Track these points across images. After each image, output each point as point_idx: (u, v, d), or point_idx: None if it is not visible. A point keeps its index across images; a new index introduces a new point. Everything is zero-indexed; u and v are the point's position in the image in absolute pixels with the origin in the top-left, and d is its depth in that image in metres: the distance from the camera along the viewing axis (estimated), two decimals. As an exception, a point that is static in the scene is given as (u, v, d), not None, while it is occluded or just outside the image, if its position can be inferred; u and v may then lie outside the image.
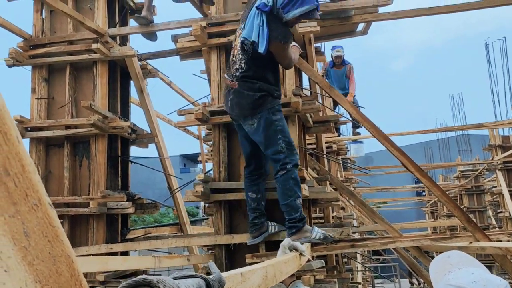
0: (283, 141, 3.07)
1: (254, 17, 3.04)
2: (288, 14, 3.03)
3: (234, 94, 3.18)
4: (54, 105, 4.23)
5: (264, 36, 2.97)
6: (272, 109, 3.11)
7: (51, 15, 4.35)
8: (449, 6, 3.94)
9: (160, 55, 4.73)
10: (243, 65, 3.13)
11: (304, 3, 3.00)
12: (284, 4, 3.02)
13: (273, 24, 3.02)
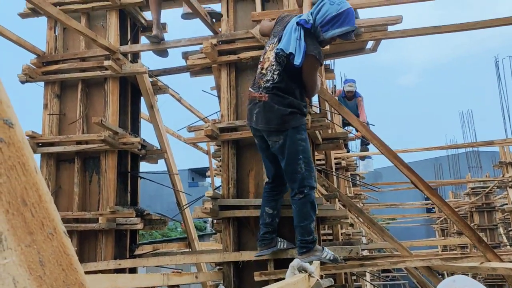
0: (303, 162, 3.04)
1: (291, 31, 3.04)
2: (327, 33, 3.07)
3: (262, 107, 3.11)
4: (65, 121, 4.28)
5: (301, 49, 2.96)
6: (298, 127, 3.09)
7: (64, 32, 4.42)
8: (457, 25, 3.95)
9: (171, 72, 4.78)
10: (276, 76, 3.10)
11: (343, 24, 3.05)
12: (323, 23, 3.05)
13: (309, 40, 3.04)
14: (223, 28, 4.16)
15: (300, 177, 3.04)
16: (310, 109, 3.80)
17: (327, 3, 3.07)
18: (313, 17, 3.09)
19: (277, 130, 3.07)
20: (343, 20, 3.04)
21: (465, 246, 13.71)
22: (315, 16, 3.08)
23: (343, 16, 3.04)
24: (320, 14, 3.06)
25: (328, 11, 3.04)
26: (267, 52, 3.27)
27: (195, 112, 6.05)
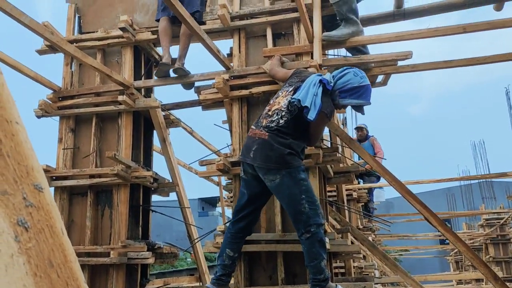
0: (307, 202, 3.02)
1: (310, 86, 3.12)
2: (344, 100, 3.21)
3: (261, 144, 3.12)
4: (79, 155, 4.33)
5: (316, 106, 3.04)
6: (298, 168, 3.09)
7: (80, 68, 4.53)
8: (468, 59, 3.98)
9: (183, 106, 4.85)
10: (282, 121, 3.15)
11: (361, 97, 3.20)
12: (343, 90, 3.19)
13: (325, 98, 3.13)
14: (235, 64, 4.23)
15: (305, 217, 3.01)
16: (321, 144, 3.82)
17: (352, 73, 3.23)
18: (335, 80, 3.23)
19: (276, 168, 3.07)
20: (361, 93, 3.20)
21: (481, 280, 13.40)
22: (337, 80, 3.22)
23: (362, 90, 3.20)
24: (342, 80, 3.21)
25: (351, 80, 3.19)
26: (278, 97, 3.33)
27: (207, 144, 6.10)
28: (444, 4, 4.19)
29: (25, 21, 2.92)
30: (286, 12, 4.18)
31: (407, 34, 3.85)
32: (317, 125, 3.20)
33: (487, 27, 3.66)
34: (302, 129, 3.21)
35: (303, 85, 3.18)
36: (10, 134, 0.52)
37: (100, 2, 4.75)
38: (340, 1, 3.97)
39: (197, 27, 3.48)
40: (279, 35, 4.32)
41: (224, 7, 4.13)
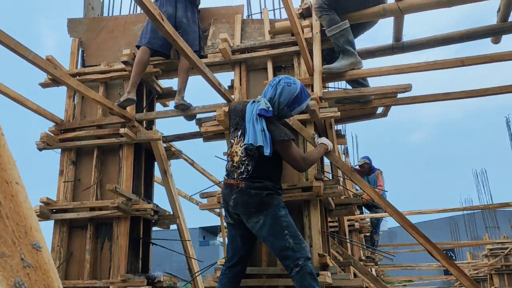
0: (290, 236, 3.02)
1: (254, 123, 3.15)
2: (295, 110, 3.29)
3: (239, 193, 3.15)
4: (80, 187, 4.33)
5: (267, 140, 3.09)
6: (278, 206, 3.11)
7: (82, 100, 4.57)
8: (467, 92, 4.01)
9: (184, 137, 4.87)
10: (250, 168, 3.18)
11: (304, 98, 3.29)
12: (289, 103, 3.25)
13: (272, 126, 3.16)
14: (236, 96, 4.27)
15: (291, 253, 3.00)
16: (322, 176, 3.81)
17: (285, 85, 3.25)
18: (275, 101, 3.23)
19: (257, 211, 3.09)
20: (302, 96, 3.28)
21: (487, 311, 13.14)
22: (278, 99, 3.23)
23: (302, 92, 3.28)
24: (283, 96, 3.23)
25: (290, 92, 3.23)
26: (233, 146, 3.34)
27: (208, 175, 6.09)
28: (441, 37, 4.26)
29: (29, 56, 2.96)
30: (286, 45, 4.24)
31: (406, 67, 3.89)
32: (285, 153, 3.19)
33: (485, 61, 3.70)
34: (274, 163, 3.24)
35: (247, 125, 3.22)
36: (9, 195, 0.52)
37: (103, 36, 4.83)
38: (336, 34, 4.04)
39: (198, 61, 3.53)
40: (280, 67, 4.37)
41: (225, 41, 4.20)
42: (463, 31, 4.22)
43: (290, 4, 3.39)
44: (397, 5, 3.96)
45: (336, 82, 4.64)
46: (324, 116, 3.89)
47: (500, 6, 3.99)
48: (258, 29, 4.57)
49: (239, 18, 4.60)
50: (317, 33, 4.17)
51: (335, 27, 4.02)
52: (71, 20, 4.90)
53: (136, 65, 4.28)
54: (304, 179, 3.80)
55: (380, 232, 10.06)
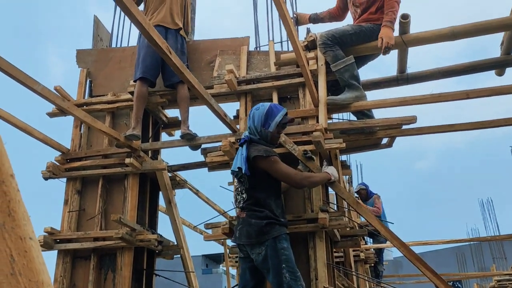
0: (287, 271, 3.02)
1: (239, 153, 3.37)
2: (270, 127, 3.36)
3: (242, 223, 3.25)
4: (84, 216, 4.31)
5: (243, 159, 3.23)
6: (278, 237, 3.12)
7: (88, 130, 4.60)
8: (472, 123, 4.02)
9: (189, 167, 4.87)
10: (245, 195, 3.28)
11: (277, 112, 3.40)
12: (263, 123, 3.38)
13: (251, 147, 3.30)
14: (241, 127, 4.29)
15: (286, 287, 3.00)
16: (328, 207, 3.79)
17: (254, 111, 3.47)
18: (251, 127, 3.42)
19: (258, 242, 3.12)
20: (273, 111, 3.40)
21: None
22: (254, 125, 3.41)
23: (271, 109, 3.42)
24: (256, 120, 3.41)
25: (260, 113, 3.41)
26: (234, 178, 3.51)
27: (212, 205, 6.07)
28: (446, 70, 4.30)
29: (38, 89, 3.01)
30: (291, 77, 4.28)
31: (411, 99, 3.91)
32: (273, 170, 3.23)
33: (490, 93, 3.72)
34: (266, 187, 3.28)
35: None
36: (23, 251, 0.52)
37: (111, 66, 4.90)
38: (341, 69, 4.09)
39: (205, 92, 3.56)
40: (285, 98, 4.40)
41: (231, 72, 4.25)
42: (467, 64, 4.26)
43: (296, 37, 3.44)
44: (401, 38, 4.02)
45: (341, 113, 4.65)
46: (329, 147, 3.89)
47: (504, 40, 4.03)
48: (264, 60, 4.62)
49: (245, 50, 4.66)
50: (322, 65, 4.22)
51: (340, 62, 4.07)
52: (80, 51, 4.98)
53: (136, 99, 4.31)
54: (309, 211, 3.78)
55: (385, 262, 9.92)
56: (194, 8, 5.58)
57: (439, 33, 3.92)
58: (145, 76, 4.34)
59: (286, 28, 3.24)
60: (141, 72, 4.35)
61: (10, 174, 0.53)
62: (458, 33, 3.86)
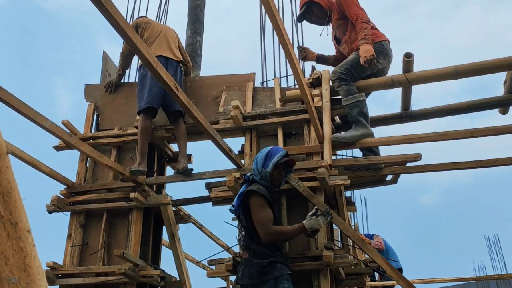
0: None
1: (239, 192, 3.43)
2: (268, 166, 3.40)
3: (245, 263, 3.26)
4: (87, 250, 4.29)
5: (238, 195, 3.32)
6: (280, 277, 3.08)
7: (94, 163, 4.63)
8: (476, 162, 4.02)
9: (194, 202, 4.86)
10: (243, 234, 3.30)
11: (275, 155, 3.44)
12: (262, 164, 3.44)
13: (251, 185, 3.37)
14: (246, 162, 4.31)
15: None
16: (332, 245, 3.76)
17: (258, 154, 3.60)
18: (255, 169, 3.51)
19: (259, 282, 3.09)
20: (272, 153, 3.46)
21: None
22: (255, 166, 3.51)
23: (271, 152, 3.49)
24: (258, 162, 3.50)
25: (261, 155, 3.50)
26: None
27: (216, 240, 6.03)
28: (449, 108, 4.34)
29: (47, 125, 3.05)
30: (296, 113, 4.32)
31: (416, 137, 3.93)
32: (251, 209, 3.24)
33: (494, 133, 3.74)
34: None
35: None
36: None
37: (118, 100, 4.97)
38: (351, 104, 4.14)
39: (211, 129, 3.60)
40: (290, 134, 4.44)
41: (237, 108, 4.30)
42: (470, 102, 4.30)
43: (301, 74, 3.50)
44: (405, 76, 4.07)
45: (346, 150, 4.67)
46: (334, 183, 3.89)
47: (507, 79, 4.08)
48: (269, 96, 4.68)
49: (251, 86, 4.73)
50: (327, 102, 4.26)
51: (351, 97, 4.15)
52: (88, 86, 5.06)
53: (141, 134, 4.30)
54: (313, 248, 3.75)
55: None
56: (201, 44, 5.71)
57: (442, 72, 3.97)
58: (152, 105, 4.36)
59: (291, 66, 3.29)
60: (146, 101, 4.37)
61: (27, 230, 0.54)
62: (461, 72, 3.91)
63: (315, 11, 4.75)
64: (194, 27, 5.72)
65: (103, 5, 2.33)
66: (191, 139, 4.87)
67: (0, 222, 0.50)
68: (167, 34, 4.76)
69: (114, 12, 2.42)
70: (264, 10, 4.17)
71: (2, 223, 0.50)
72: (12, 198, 0.52)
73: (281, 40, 3.00)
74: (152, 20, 5.06)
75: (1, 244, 0.50)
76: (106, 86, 5.01)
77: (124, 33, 2.54)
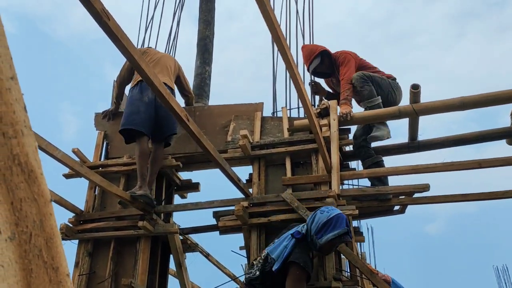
0: None
1: (284, 239, 3.23)
2: (321, 239, 3.17)
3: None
4: (94, 279, 4.28)
5: (282, 257, 3.10)
6: None
7: (103, 192, 4.65)
8: (486, 194, 4.02)
9: (201, 230, 4.87)
10: (257, 272, 3.21)
11: (334, 228, 3.16)
12: (317, 231, 3.19)
13: (299, 250, 3.14)
14: (254, 191, 4.32)
15: None
16: (341, 276, 3.73)
17: (318, 213, 3.29)
18: (308, 227, 3.27)
19: None
20: (334, 225, 3.17)
21: None
22: (310, 226, 3.26)
23: (333, 221, 3.18)
24: (313, 223, 3.24)
25: (320, 220, 3.22)
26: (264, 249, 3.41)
27: (223, 269, 5.98)
28: (456, 138, 4.36)
29: (58, 155, 3.10)
30: (304, 143, 4.36)
31: (423, 167, 3.95)
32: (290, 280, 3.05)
33: (502, 163, 3.75)
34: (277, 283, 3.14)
35: (280, 239, 3.25)
36: None
37: (127, 129, 5.02)
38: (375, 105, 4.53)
39: (219, 158, 3.63)
40: (298, 164, 4.46)
41: (245, 137, 4.34)
42: (477, 133, 4.33)
43: (309, 105, 3.54)
44: (412, 107, 4.11)
45: (353, 179, 4.69)
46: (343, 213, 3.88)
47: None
48: (277, 126, 4.73)
49: (259, 115, 4.78)
50: (335, 131, 4.30)
51: (375, 99, 4.45)
52: (98, 114, 5.13)
53: (140, 158, 4.21)
54: (322, 279, 3.72)
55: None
56: (210, 74, 5.80)
57: (449, 103, 4.01)
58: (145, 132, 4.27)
59: (300, 97, 3.36)
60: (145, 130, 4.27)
61: (67, 274, 0.57)
62: (468, 104, 3.95)
63: (326, 62, 4.92)
64: (203, 57, 5.81)
65: (118, 40, 2.40)
66: (200, 167, 4.91)
67: (43, 267, 0.53)
68: (164, 61, 4.74)
69: (128, 45, 2.49)
70: (275, 47, 4.25)
71: (45, 268, 0.53)
72: (54, 244, 0.55)
73: (290, 71, 3.06)
74: (151, 48, 5.12)
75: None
76: (104, 114, 5.06)
77: (138, 65, 2.60)
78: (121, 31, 2.36)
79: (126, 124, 4.30)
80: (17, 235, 0.50)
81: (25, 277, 0.51)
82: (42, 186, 0.56)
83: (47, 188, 0.56)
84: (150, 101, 4.34)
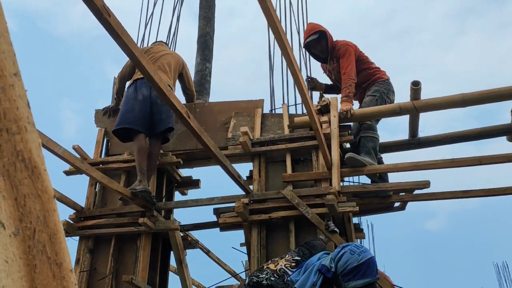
0: None
1: (312, 273, 2.93)
2: (349, 284, 2.82)
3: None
4: (95, 276, 4.28)
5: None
6: None
7: (103, 188, 4.65)
8: (486, 190, 4.02)
9: (201, 227, 4.87)
10: (265, 282, 2.96)
11: (365, 276, 2.80)
12: (344, 273, 2.83)
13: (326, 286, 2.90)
14: (254, 188, 4.33)
15: None
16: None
17: (348, 252, 2.90)
18: (334, 263, 2.91)
19: None
20: (364, 271, 2.81)
21: None
22: (336, 263, 2.90)
23: (364, 267, 2.82)
24: (341, 262, 2.87)
25: (349, 261, 2.84)
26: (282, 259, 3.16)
27: (223, 266, 6.00)
28: (457, 135, 4.36)
29: (59, 152, 3.10)
30: (304, 140, 4.36)
31: (424, 164, 3.95)
32: None
33: (503, 160, 3.75)
34: None
35: (305, 267, 3.00)
36: None
37: (128, 126, 5.02)
38: (369, 137, 4.24)
39: (220, 154, 3.63)
40: (298, 160, 4.46)
41: (245, 134, 4.34)
42: (479, 129, 4.32)
43: (309, 101, 3.55)
44: (412, 104, 4.11)
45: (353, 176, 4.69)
46: (343, 210, 3.90)
47: (514, 107, 4.11)
48: (278, 122, 4.73)
49: (259, 112, 4.78)
50: (335, 128, 4.29)
51: (372, 132, 4.38)
52: (98, 111, 5.13)
53: (138, 154, 4.21)
54: None
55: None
56: (210, 71, 5.80)
57: (450, 100, 4.01)
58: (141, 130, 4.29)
59: (300, 93, 3.35)
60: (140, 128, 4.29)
61: (70, 270, 0.57)
62: (469, 100, 3.94)
63: (323, 44, 4.85)
64: (203, 54, 5.81)
65: (119, 36, 2.39)
66: (200, 164, 4.91)
67: (46, 262, 0.53)
68: (164, 58, 4.69)
69: (129, 42, 2.49)
70: (273, 38, 4.25)
71: (48, 263, 0.53)
72: (57, 240, 0.55)
73: (290, 68, 3.06)
74: (159, 45, 5.04)
75: (47, 284, 0.53)
76: (104, 111, 5.06)
77: (139, 62, 2.60)
78: (122, 28, 2.36)
79: (120, 123, 4.33)
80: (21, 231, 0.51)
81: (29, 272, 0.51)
82: (45, 182, 0.56)
83: (51, 184, 0.56)
84: (145, 98, 4.34)
